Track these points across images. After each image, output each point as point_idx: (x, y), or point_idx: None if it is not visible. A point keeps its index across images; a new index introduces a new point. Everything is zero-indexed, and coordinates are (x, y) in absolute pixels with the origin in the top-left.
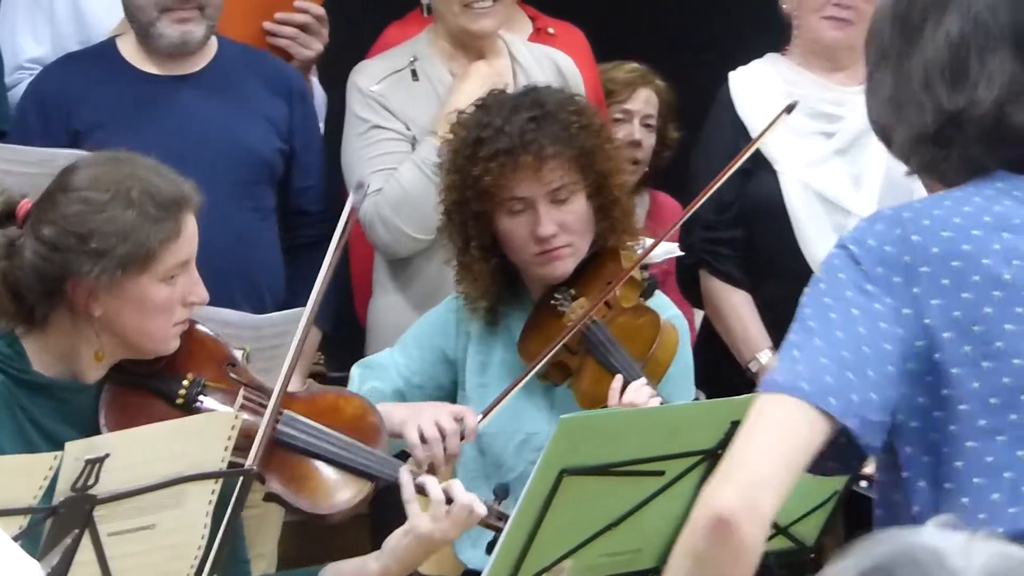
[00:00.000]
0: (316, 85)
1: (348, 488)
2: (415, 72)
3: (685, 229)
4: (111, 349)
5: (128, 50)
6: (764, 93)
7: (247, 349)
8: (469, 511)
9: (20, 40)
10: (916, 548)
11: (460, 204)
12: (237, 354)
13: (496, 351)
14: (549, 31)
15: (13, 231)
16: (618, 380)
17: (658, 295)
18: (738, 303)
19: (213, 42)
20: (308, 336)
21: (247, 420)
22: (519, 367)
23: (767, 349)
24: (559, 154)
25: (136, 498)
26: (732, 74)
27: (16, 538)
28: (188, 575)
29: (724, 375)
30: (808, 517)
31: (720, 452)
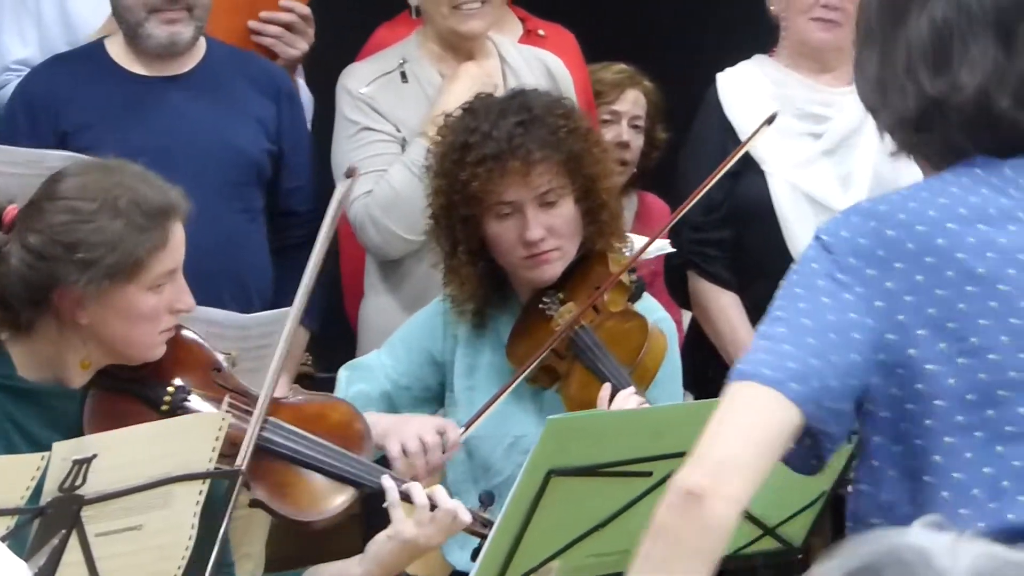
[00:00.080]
0: (302, 86)
1: (333, 495)
2: (404, 74)
3: (673, 230)
4: (97, 356)
5: (116, 51)
6: (752, 94)
7: (232, 354)
8: (453, 517)
9: (6, 41)
10: (903, 548)
11: (448, 208)
12: (222, 359)
13: (484, 354)
14: (539, 33)
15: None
16: (606, 389)
17: (646, 297)
18: (726, 304)
19: (201, 43)
20: (295, 336)
21: (233, 424)
22: (507, 370)
23: None
24: (547, 158)
25: (124, 499)
26: (720, 75)
27: (3, 538)
28: (175, 575)
29: (712, 376)
30: (796, 518)
31: None
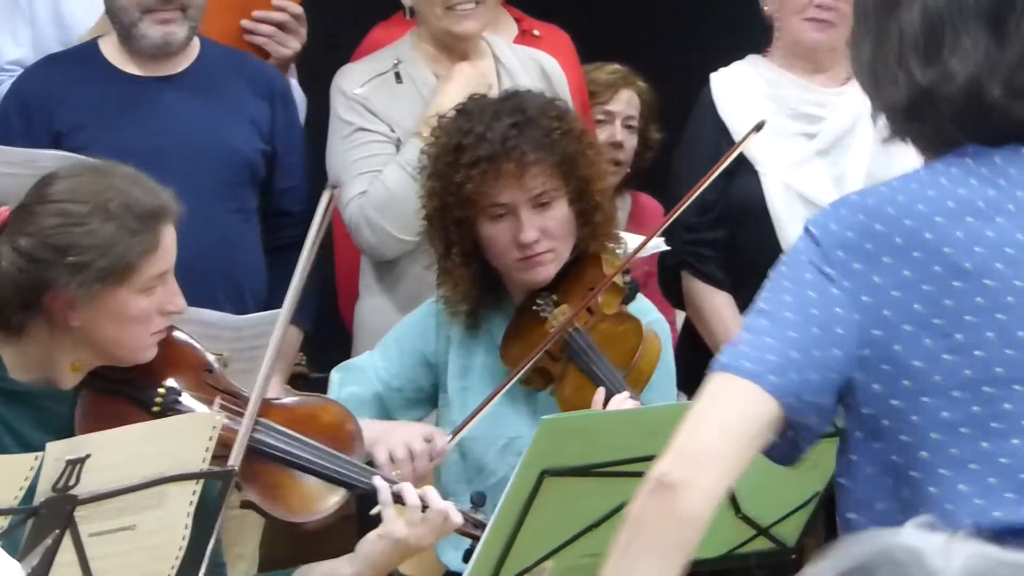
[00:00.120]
0: (295, 86)
1: (324, 496)
2: (399, 75)
3: (666, 231)
4: (88, 358)
5: (110, 51)
6: (746, 94)
7: (224, 355)
8: (444, 518)
9: None
10: (895, 548)
11: (441, 210)
12: (213, 360)
13: (478, 355)
14: (535, 33)
15: None
16: (600, 393)
17: (640, 298)
18: (720, 304)
19: (195, 43)
20: (288, 337)
21: (224, 425)
22: (501, 371)
23: None
24: (541, 160)
25: (117, 499)
26: (714, 75)
27: None
28: (169, 575)
29: (706, 376)
30: (789, 518)
31: None
